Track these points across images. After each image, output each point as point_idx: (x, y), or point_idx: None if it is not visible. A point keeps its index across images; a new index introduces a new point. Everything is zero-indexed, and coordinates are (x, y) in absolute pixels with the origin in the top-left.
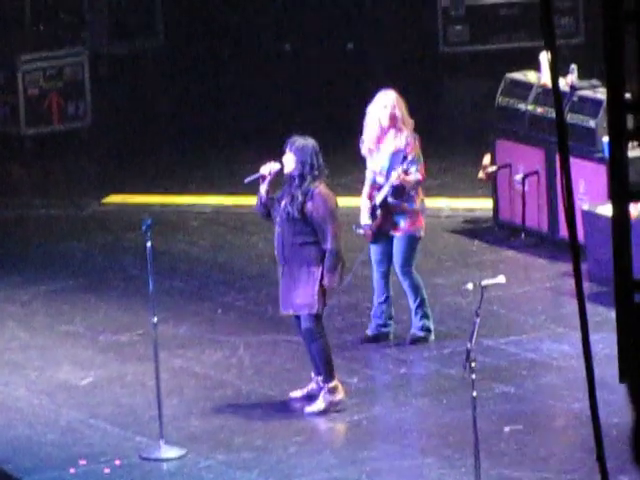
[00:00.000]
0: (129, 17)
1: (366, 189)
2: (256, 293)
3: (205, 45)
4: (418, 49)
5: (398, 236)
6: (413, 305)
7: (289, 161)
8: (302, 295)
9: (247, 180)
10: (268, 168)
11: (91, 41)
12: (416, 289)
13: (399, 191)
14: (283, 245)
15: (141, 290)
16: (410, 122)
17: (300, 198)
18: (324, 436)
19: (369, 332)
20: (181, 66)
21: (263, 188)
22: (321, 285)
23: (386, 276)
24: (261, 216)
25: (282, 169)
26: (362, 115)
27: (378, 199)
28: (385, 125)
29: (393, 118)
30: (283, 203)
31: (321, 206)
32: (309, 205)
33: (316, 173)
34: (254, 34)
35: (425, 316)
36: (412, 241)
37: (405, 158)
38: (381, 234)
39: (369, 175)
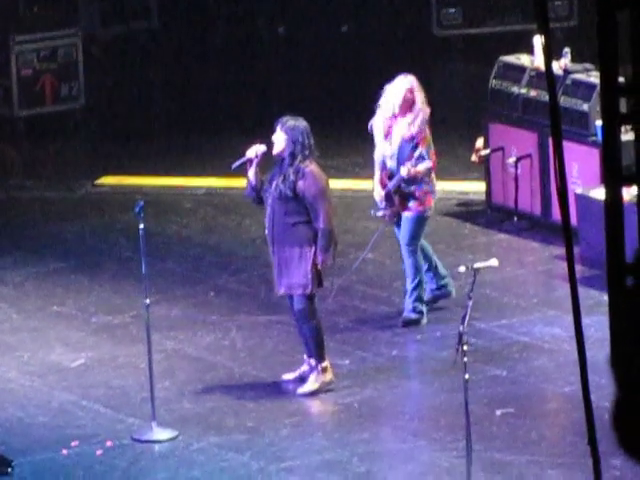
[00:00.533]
0: None
1: (377, 173)
2: (249, 275)
3: (199, 28)
4: (412, 32)
5: (406, 215)
6: (410, 285)
7: (279, 140)
8: (295, 275)
9: (234, 165)
10: (254, 150)
11: (85, 22)
12: (416, 270)
13: (410, 179)
14: (274, 225)
15: (134, 272)
16: (426, 110)
17: (292, 177)
18: (316, 418)
19: (425, 297)
20: (175, 48)
21: (251, 172)
22: (314, 265)
23: (417, 251)
24: (252, 201)
25: (269, 151)
26: (356, 97)
27: (391, 186)
28: (397, 110)
29: (408, 102)
30: (274, 183)
31: (312, 185)
32: (300, 184)
33: (307, 152)
34: (248, 17)
35: (419, 299)
36: (420, 220)
37: (416, 147)
38: (399, 215)
39: (378, 157)
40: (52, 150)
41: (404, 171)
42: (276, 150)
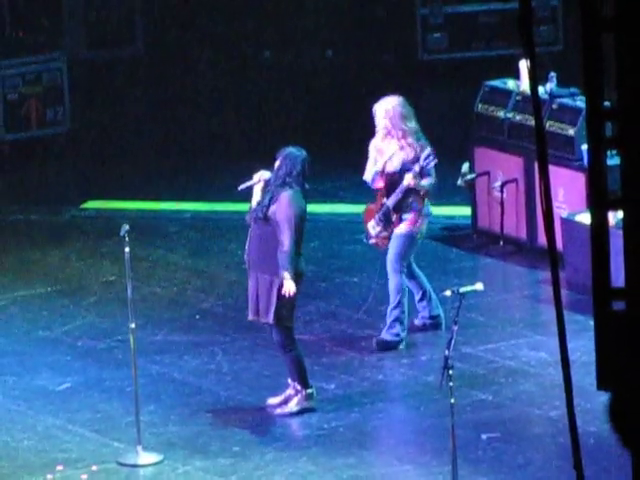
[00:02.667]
0: (108, 24)
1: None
2: (234, 299)
3: (184, 52)
4: (397, 56)
5: (397, 232)
6: (389, 306)
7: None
8: (264, 302)
9: (241, 188)
10: (258, 176)
11: (70, 47)
12: (398, 291)
13: (410, 193)
14: (251, 250)
15: (119, 296)
16: (408, 129)
17: (266, 201)
18: (301, 443)
19: (416, 322)
20: (160, 73)
21: (254, 198)
22: (286, 296)
23: (413, 274)
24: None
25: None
26: (341, 122)
27: (391, 202)
28: (383, 131)
29: (389, 127)
30: (253, 213)
31: (283, 210)
32: (272, 208)
33: (288, 180)
34: (234, 41)
35: (398, 321)
36: (410, 238)
37: (418, 159)
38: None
39: (370, 176)
40: (37, 174)
41: (408, 178)
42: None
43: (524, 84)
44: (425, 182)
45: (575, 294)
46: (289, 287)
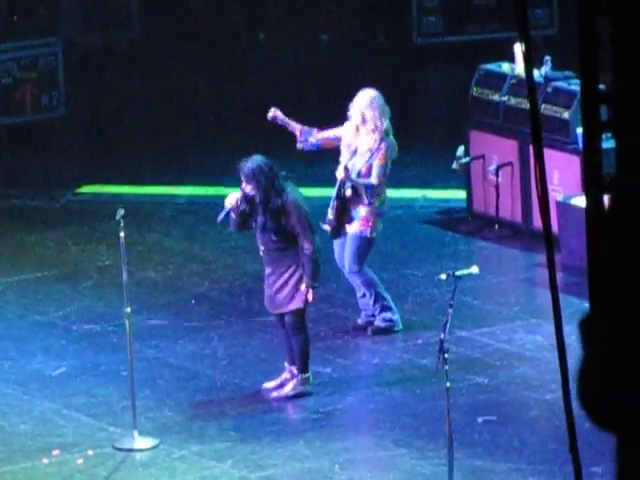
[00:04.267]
0: (104, 8)
1: (336, 187)
2: (230, 284)
3: (180, 35)
4: (392, 40)
5: (350, 233)
6: (368, 301)
7: (249, 190)
8: (286, 293)
9: (220, 219)
10: (232, 199)
11: (66, 32)
12: (368, 286)
13: (355, 197)
14: (266, 249)
15: (114, 280)
16: (382, 126)
17: (273, 216)
18: (297, 427)
19: (359, 321)
20: (156, 56)
21: (234, 221)
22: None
23: (361, 269)
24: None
25: (247, 195)
26: (335, 106)
27: (334, 193)
28: (358, 124)
29: (365, 118)
30: (259, 219)
31: (295, 216)
32: (283, 220)
33: (276, 185)
34: (228, 24)
35: (384, 309)
36: (361, 241)
37: (371, 157)
38: (338, 232)
39: (339, 174)
40: (33, 159)
41: (339, 172)
42: (251, 196)
43: (519, 67)
44: (361, 180)
45: (570, 277)
46: (310, 297)
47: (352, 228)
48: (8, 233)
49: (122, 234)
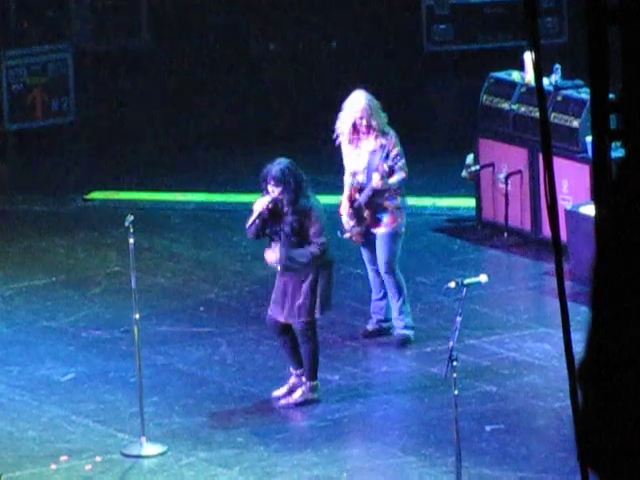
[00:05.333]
0: (114, 14)
1: (346, 192)
2: (238, 290)
3: (190, 43)
4: (403, 47)
5: (380, 233)
6: (396, 304)
7: (277, 193)
8: (298, 301)
9: (249, 225)
10: (261, 204)
11: (76, 38)
12: (399, 288)
13: (383, 192)
14: (281, 257)
15: (124, 287)
16: (377, 123)
17: (295, 219)
18: (305, 434)
19: (369, 327)
20: (166, 64)
21: (255, 228)
22: (315, 293)
23: (395, 268)
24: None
25: (276, 199)
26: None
27: (362, 199)
28: (359, 126)
29: (366, 120)
30: (280, 223)
31: (314, 224)
32: (305, 224)
33: (302, 189)
34: (239, 33)
35: (407, 314)
36: (395, 238)
37: (387, 157)
38: (368, 233)
39: (347, 179)
40: (42, 165)
41: (376, 179)
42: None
43: (529, 76)
44: (394, 179)
45: (579, 286)
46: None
47: (382, 228)
48: (17, 239)
49: (131, 240)
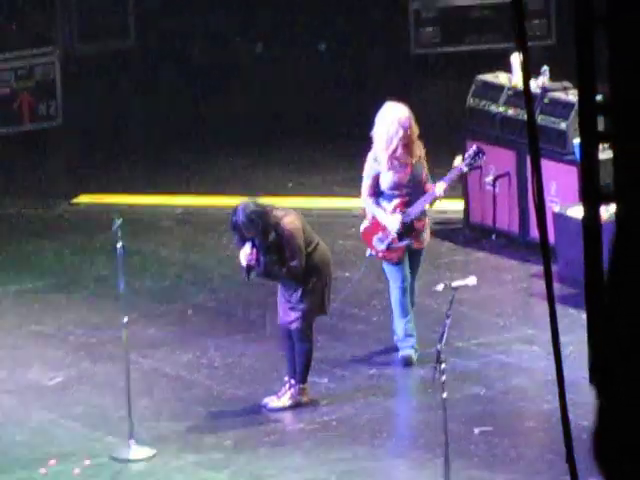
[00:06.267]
0: (100, 17)
1: (388, 207)
2: (226, 294)
3: (176, 46)
4: (390, 50)
5: (420, 249)
6: (409, 320)
7: (249, 236)
8: (289, 307)
9: (245, 278)
10: (246, 256)
11: (62, 41)
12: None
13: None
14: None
15: (111, 290)
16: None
17: (275, 254)
18: (294, 437)
19: (413, 354)
20: (152, 66)
21: (259, 272)
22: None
23: (408, 292)
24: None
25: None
26: (334, 116)
27: (415, 211)
28: (404, 137)
29: (412, 130)
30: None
31: (289, 238)
32: (285, 248)
33: (269, 222)
34: (226, 35)
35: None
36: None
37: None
38: (408, 249)
39: (390, 192)
40: (29, 168)
41: (441, 188)
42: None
43: (516, 78)
44: (441, 190)
45: (567, 288)
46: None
47: (422, 243)
48: (5, 242)
49: (119, 244)
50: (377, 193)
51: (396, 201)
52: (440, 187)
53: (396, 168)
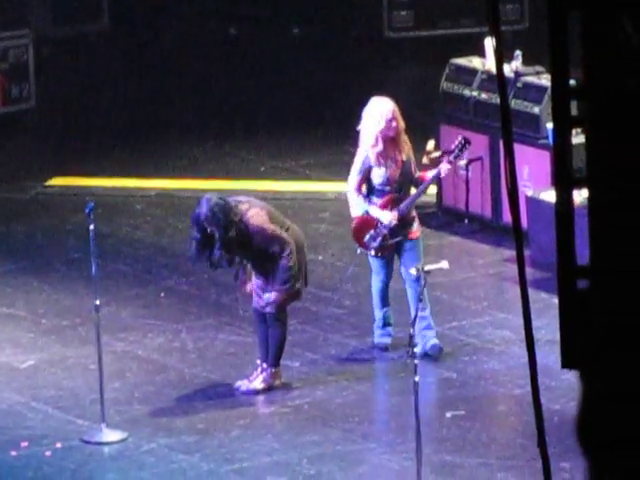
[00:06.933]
0: (74, 0)
1: (378, 202)
2: (199, 277)
3: (150, 29)
4: (363, 34)
5: (413, 240)
6: (426, 313)
7: (210, 229)
8: (268, 287)
9: (244, 289)
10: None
11: (36, 24)
12: (423, 295)
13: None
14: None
15: (84, 273)
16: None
17: (235, 248)
18: (266, 420)
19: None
20: (126, 49)
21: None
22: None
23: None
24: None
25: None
26: (307, 99)
27: (408, 204)
28: (390, 129)
29: (401, 128)
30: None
31: (258, 230)
32: (253, 240)
33: (231, 218)
34: (200, 18)
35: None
36: (421, 243)
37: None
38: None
39: (379, 186)
40: (2, 151)
41: (446, 167)
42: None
43: (489, 62)
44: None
45: (540, 272)
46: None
47: (415, 233)
48: None
49: (92, 227)
50: (367, 189)
51: (387, 197)
52: (444, 168)
53: (387, 164)
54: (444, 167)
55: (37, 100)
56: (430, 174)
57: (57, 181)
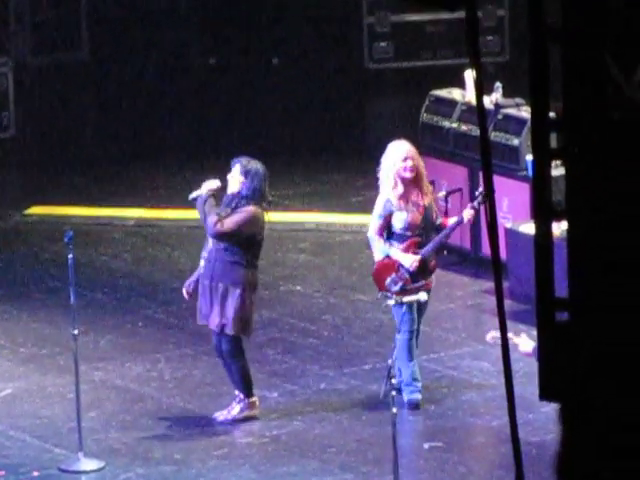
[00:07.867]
0: (54, 29)
1: (400, 246)
2: (177, 307)
3: (130, 58)
4: (344, 65)
5: (429, 290)
6: (415, 364)
7: (235, 181)
8: (224, 313)
9: (191, 197)
10: (207, 186)
11: (16, 52)
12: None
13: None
14: (215, 260)
15: (62, 302)
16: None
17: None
18: (243, 450)
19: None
20: (105, 79)
21: (212, 221)
22: (244, 309)
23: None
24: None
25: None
26: (287, 130)
27: (431, 248)
28: (409, 171)
29: (419, 169)
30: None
31: (238, 216)
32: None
33: (257, 198)
34: (180, 48)
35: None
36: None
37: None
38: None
39: (400, 230)
40: None
41: (469, 214)
42: (231, 190)
43: (469, 94)
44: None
45: (518, 304)
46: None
47: (431, 284)
48: None
49: (70, 256)
50: (388, 234)
51: (409, 241)
52: (468, 214)
53: (408, 208)
54: (467, 213)
55: (17, 129)
56: (452, 220)
57: (36, 210)
